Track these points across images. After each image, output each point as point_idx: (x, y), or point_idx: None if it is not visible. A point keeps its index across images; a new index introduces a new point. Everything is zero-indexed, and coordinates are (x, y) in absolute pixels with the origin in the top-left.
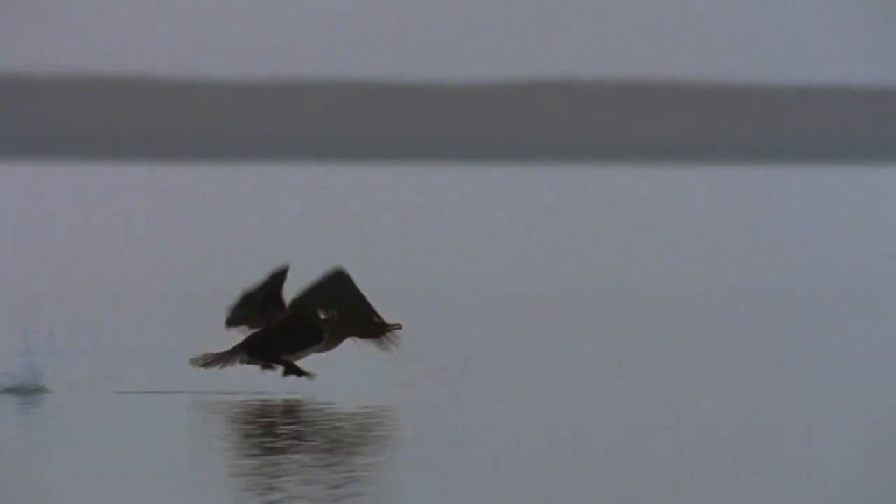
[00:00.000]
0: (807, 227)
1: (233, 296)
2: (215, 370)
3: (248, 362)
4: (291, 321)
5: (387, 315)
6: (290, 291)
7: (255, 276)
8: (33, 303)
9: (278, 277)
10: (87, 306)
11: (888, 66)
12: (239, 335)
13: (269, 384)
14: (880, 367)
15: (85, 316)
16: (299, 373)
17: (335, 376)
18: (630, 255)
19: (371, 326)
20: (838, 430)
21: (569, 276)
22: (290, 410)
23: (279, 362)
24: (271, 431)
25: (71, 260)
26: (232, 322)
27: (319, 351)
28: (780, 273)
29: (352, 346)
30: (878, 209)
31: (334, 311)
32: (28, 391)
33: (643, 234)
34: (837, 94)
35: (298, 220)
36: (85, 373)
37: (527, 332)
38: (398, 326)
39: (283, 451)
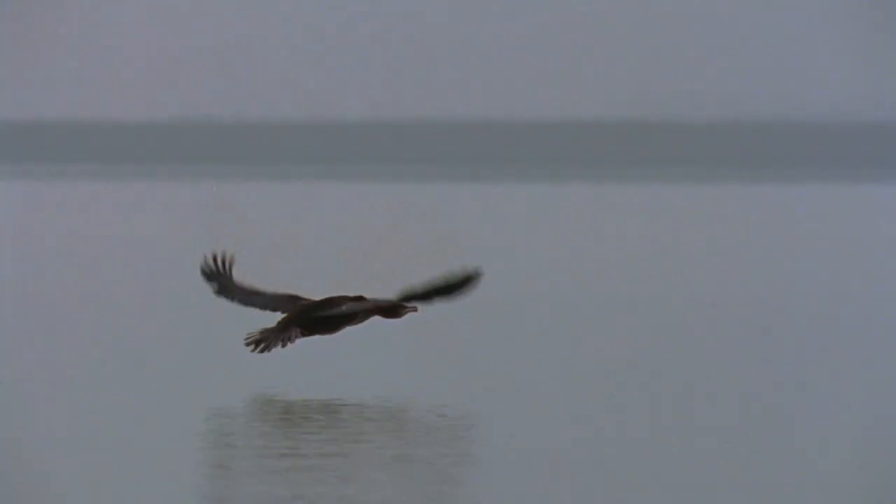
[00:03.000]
0: (815, 242)
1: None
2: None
3: (302, 335)
4: (331, 300)
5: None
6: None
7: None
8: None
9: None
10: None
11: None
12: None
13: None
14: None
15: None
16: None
17: (411, 380)
18: (648, 266)
19: (393, 307)
20: (842, 442)
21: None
22: (363, 413)
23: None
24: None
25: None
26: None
27: (353, 325)
28: (788, 286)
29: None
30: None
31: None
32: None
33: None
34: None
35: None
36: None
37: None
38: (414, 309)
39: (354, 455)
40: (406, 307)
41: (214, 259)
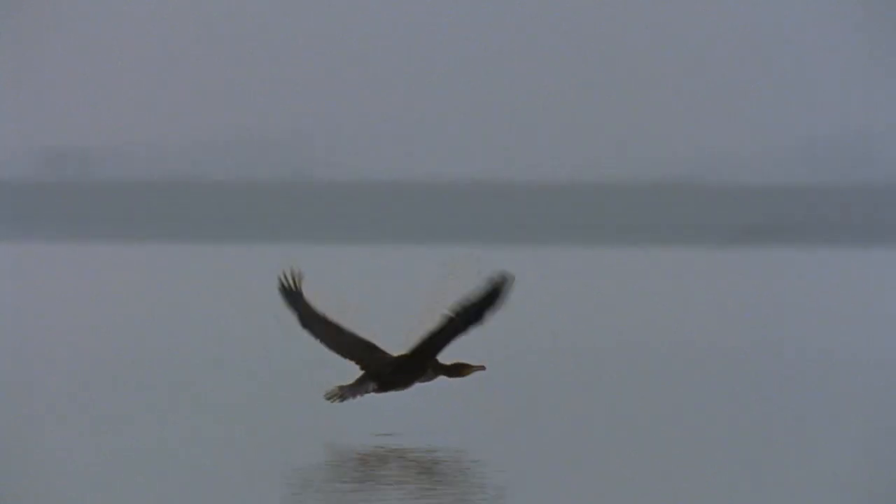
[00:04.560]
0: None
1: None
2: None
3: (377, 391)
4: (406, 358)
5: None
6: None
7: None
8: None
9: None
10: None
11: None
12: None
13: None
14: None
15: None
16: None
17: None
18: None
19: (458, 367)
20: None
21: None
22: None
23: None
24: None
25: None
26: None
27: (423, 381)
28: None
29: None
30: (872, 289)
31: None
32: None
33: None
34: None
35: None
36: None
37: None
38: (482, 367)
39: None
40: (472, 367)
41: (286, 277)
